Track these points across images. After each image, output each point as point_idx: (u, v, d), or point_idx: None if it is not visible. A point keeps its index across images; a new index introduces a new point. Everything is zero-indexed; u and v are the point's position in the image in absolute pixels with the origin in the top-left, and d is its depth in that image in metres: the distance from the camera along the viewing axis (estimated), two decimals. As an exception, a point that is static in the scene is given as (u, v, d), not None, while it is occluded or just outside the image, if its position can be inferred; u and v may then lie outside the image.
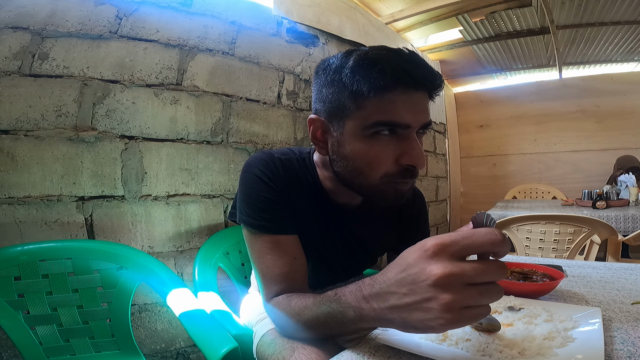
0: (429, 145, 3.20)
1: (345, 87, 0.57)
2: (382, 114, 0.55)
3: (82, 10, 1.21)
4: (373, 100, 0.55)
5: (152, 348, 1.30)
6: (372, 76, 0.54)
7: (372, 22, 2.46)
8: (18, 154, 1.08)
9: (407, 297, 0.37)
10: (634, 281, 0.70)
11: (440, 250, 0.35)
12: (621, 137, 3.37)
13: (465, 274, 0.33)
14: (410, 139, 0.57)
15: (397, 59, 0.55)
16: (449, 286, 0.34)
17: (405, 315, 0.37)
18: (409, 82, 0.55)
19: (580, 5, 2.27)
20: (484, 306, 0.35)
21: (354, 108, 0.57)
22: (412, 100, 0.56)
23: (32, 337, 0.87)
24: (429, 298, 0.35)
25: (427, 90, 0.59)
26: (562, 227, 1.53)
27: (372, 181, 0.60)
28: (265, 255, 0.64)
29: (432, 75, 0.58)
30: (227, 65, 1.54)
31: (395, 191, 0.61)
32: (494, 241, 0.34)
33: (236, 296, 1.12)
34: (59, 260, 0.94)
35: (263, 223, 0.64)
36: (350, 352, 0.45)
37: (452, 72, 3.70)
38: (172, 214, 1.35)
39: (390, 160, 0.58)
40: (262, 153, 0.69)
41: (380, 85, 0.54)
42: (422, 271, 0.35)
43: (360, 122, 0.57)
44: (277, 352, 0.64)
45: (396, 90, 0.55)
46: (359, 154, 0.59)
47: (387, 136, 0.57)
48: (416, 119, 0.57)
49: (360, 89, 0.55)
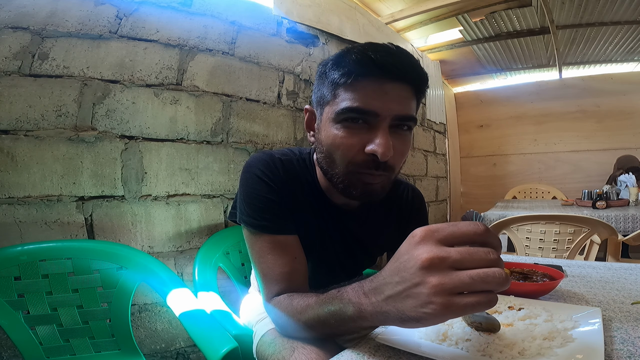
0: (429, 145, 3.20)
1: (326, 77, 0.61)
2: (352, 101, 0.57)
3: (82, 10, 1.21)
4: (346, 87, 0.58)
5: (152, 348, 1.30)
6: (345, 65, 0.57)
7: (372, 22, 2.46)
8: (18, 154, 1.08)
9: (399, 285, 0.37)
10: (634, 281, 0.70)
11: (427, 236, 0.36)
12: (621, 137, 3.37)
13: (450, 257, 0.34)
14: (379, 129, 0.58)
15: (371, 50, 0.57)
16: (435, 268, 0.34)
17: (399, 304, 0.37)
18: (380, 71, 0.57)
19: (580, 5, 2.27)
20: (483, 294, 0.33)
21: (330, 96, 0.60)
22: (384, 89, 0.57)
23: (32, 337, 0.87)
24: (418, 283, 0.35)
25: (407, 83, 0.59)
26: (562, 227, 1.53)
27: (340, 169, 0.61)
28: (265, 255, 0.65)
29: (409, 67, 0.59)
30: (227, 65, 1.54)
31: (363, 184, 0.61)
32: (477, 231, 0.35)
33: (236, 296, 1.12)
34: (59, 260, 0.94)
35: (263, 223, 0.64)
36: (350, 352, 0.45)
37: (452, 72, 3.70)
38: (172, 214, 1.35)
39: (357, 147, 0.59)
40: (262, 153, 0.70)
41: (351, 73, 0.56)
42: (411, 257, 0.36)
43: (333, 108, 0.60)
44: (277, 351, 0.64)
45: (368, 79, 0.57)
46: (330, 139, 0.61)
47: (358, 124, 0.58)
48: (387, 108, 0.57)
49: (334, 78, 0.58)
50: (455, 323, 0.48)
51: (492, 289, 0.33)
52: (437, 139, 3.39)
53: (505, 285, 0.33)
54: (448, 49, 3.15)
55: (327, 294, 0.52)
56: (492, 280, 0.33)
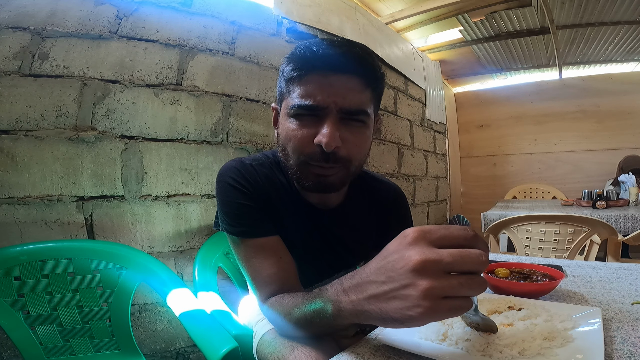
0: (429, 146, 3.20)
1: (282, 74, 0.64)
2: (300, 97, 0.60)
3: (82, 10, 1.21)
4: (295, 84, 0.61)
5: (152, 348, 1.30)
6: (294, 60, 0.61)
7: (372, 22, 2.46)
8: (18, 154, 1.08)
9: (385, 284, 0.37)
10: (634, 281, 0.70)
11: (419, 237, 0.35)
12: (621, 137, 3.37)
13: (443, 260, 0.33)
14: (325, 120, 0.60)
15: (316, 44, 0.60)
16: (428, 272, 0.33)
17: (383, 305, 0.37)
18: (321, 64, 0.59)
19: (580, 5, 2.27)
20: (464, 298, 0.34)
21: (286, 92, 0.64)
22: (328, 81, 0.59)
23: (32, 337, 0.87)
24: (407, 284, 0.34)
25: (354, 74, 0.61)
26: (562, 227, 1.53)
27: (293, 161, 0.64)
28: (251, 260, 0.66)
29: (354, 58, 0.60)
30: (227, 65, 1.54)
31: (314, 175, 0.63)
32: (467, 236, 0.35)
33: (236, 296, 1.12)
34: (59, 260, 0.94)
35: (242, 229, 0.66)
36: (350, 352, 0.45)
37: (452, 72, 3.70)
38: (172, 214, 1.35)
39: (307, 139, 0.61)
40: (233, 161, 0.71)
41: (297, 69, 0.60)
42: (401, 257, 0.35)
43: (288, 102, 0.63)
44: (277, 350, 0.64)
45: (312, 74, 0.59)
46: (284, 132, 0.64)
47: (309, 117, 0.61)
48: (331, 100, 0.59)
49: (287, 74, 0.62)
50: (455, 323, 0.48)
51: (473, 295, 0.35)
52: (437, 139, 3.39)
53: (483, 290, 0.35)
54: (448, 49, 3.15)
55: (311, 293, 0.52)
56: (477, 287, 0.34)
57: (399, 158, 2.69)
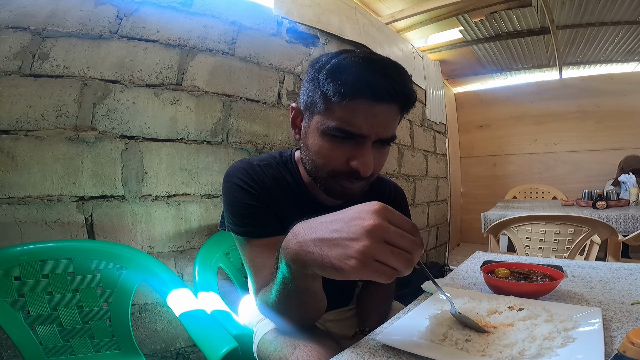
0: (429, 146, 3.20)
1: (319, 86, 0.61)
2: (342, 121, 0.59)
3: (82, 10, 1.21)
4: (337, 105, 0.59)
5: (152, 348, 1.30)
6: (339, 82, 0.57)
7: (372, 22, 2.46)
8: (18, 154, 1.08)
9: (335, 232, 0.41)
10: (634, 281, 0.70)
11: (382, 211, 0.40)
12: (621, 137, 3.37)
13: (389, 230, 0.39)
14: (364, 147, 0.61)
15: (366, 70, 0.57)
16: (373, 235, 0.38)
17: (326, 249, 0.41)
18: (371, 94, 0.57)
19: (580, 5, 2.27)
20: (390, 268, 0.39)
21: (321, 107, 0.62)
22: (373, 111, 0.59)
23: (32, 337, 0.87)
24: (353, 238, 0.39)
25: (396, 104, 0.61)
26: (562, 227, 1.53)
27: (321, 174, 0.65)
28: (255, 259, 0.67)
29: (400, 90, 0.59)
30: (227, 65, 1.54)
31: (342, 188, 0.65)
32: (412, 227, 0.41)
33: (236, 296, 1.12)
34: (59, 260, 0.94)
35: (248, 229, 0.67)
36: (350, 352, 0.45)
37: (452, 72, 3.70)
38: (172, 214, 1.35)
39: (340, 160, 0.62)
40: (240, 162, 0.72)
41: (344, 92, 0.57)
42: (360, 217, 0.40)
43: (323, 120, 0.62)
44: (278, 349, 0.64)
45: (358, 100, 0.58)
46: (316, 147, 0.64)
47: (343, 139, 0.61)
48: (374, 131, 0.60)
49: (328, 92, 0.59)
50: (455, 323, 0.48)
51: (398, 270, 0.39)
52: (437, 139, 3.39)
53: (407, 272, 0.40)
54: (448, 49, 3.15)
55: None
56: (404, 262, 0.39)
57: (399, 158, 2.69)
